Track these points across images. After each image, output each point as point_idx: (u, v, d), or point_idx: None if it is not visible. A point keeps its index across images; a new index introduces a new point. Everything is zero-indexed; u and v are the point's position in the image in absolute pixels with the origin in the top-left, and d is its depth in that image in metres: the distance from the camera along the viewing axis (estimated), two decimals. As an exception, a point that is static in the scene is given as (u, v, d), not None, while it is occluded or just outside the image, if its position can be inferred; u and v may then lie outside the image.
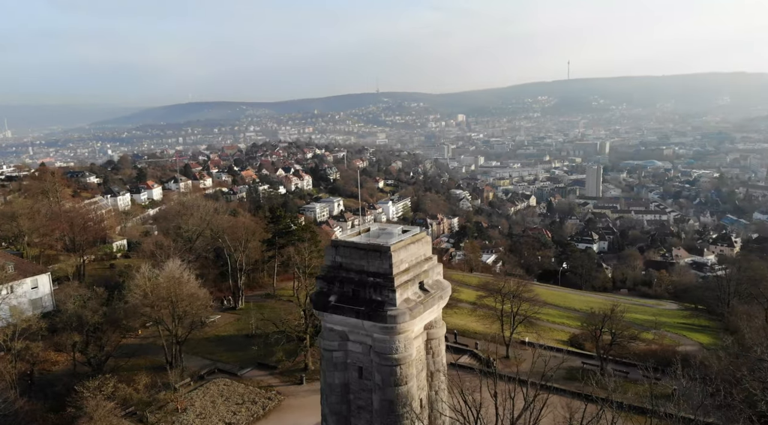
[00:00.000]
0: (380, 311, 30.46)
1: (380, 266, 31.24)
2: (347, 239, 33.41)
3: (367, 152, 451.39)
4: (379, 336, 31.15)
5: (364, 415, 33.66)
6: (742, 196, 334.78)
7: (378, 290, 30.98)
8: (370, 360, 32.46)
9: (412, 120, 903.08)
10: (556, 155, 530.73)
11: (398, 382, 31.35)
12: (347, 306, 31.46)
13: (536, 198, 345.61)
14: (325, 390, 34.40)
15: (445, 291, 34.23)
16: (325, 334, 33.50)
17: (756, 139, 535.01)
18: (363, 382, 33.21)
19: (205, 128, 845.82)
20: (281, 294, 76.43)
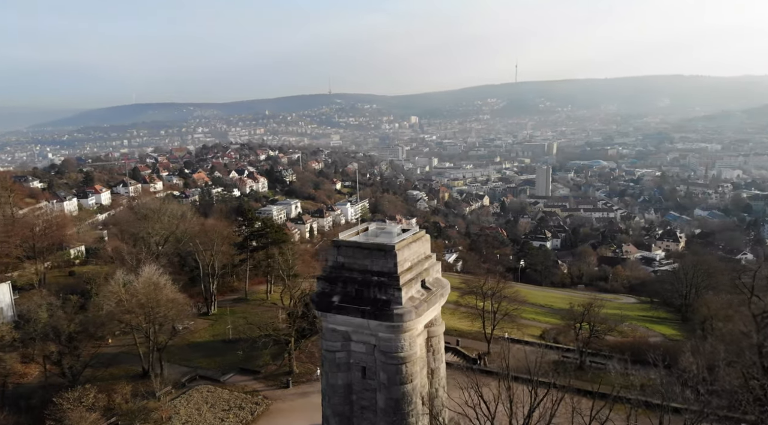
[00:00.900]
0: (386, 310, 30.55)
1: (384, 265, 31.33)
2: (349, 239, 33.34)
3: (323, 153, 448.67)
4: (385, 334, 31.22)
5: (367, 415, 33.64)
6: (683, 193, 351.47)
7: (383, 289, 31.05)
8: (374, 359, 32.47)
9: (366, 121, 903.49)
10: (506, 156, 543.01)
11: (404, 380, 31.51)
12: (352, 306, 31.38)
13: (489, 198, 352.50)
14: (327, 391, 34.17)
15: (445, 289, 34.63)
16: (327, 335, 33.27)
17: (694, 139, 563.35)
18: (366, 382, 33.19)
19: (151, 130, 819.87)
20: (254, 298, 75.14)
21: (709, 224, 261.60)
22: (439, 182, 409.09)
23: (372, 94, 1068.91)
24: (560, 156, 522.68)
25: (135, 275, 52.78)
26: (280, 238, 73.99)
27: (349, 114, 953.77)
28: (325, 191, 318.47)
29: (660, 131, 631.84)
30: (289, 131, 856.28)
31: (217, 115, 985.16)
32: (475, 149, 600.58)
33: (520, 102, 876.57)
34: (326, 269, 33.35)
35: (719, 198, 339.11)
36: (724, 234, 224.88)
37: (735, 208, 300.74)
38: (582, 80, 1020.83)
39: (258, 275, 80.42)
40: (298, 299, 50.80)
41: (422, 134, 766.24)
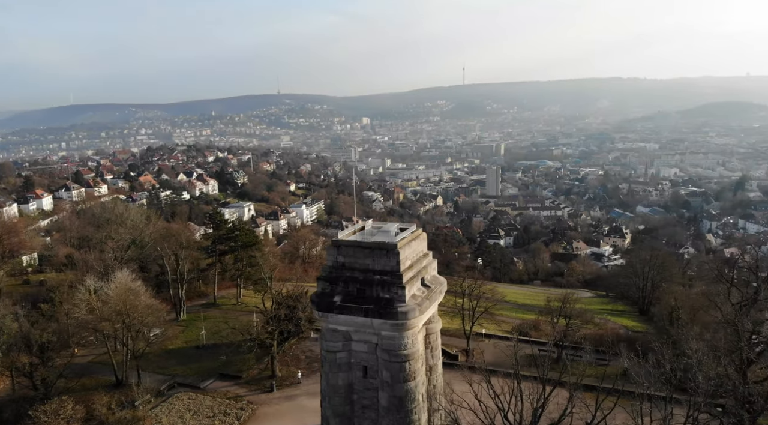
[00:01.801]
0: (390, 308, 30.69)
1: (387, 264, 31.45)
2: (349, 239, 33.27)
3: (274, 154, 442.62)
4: (388, 333, 31.32)
5: (369, 414, 33.63)
6: (626, 191, 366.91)
7: (386, 287, 31.17)
8: (376, 358, 32.51)
9: (317, 122, 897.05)
10: (456, 157, 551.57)
11: (407, 378, 31.71)
12: (354, 306, 31.34)
13: (443, 198, 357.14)
14: (327, 392, 33.96)
15: (442, 286, 35.07)
16: (327, 335, 33.08)
17: (633, 139, 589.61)
18: (368, 381, 33.18)
19: (91, 132, 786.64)
20: (223, 303, 73.46)
21: (651, 220, 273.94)
22: (393, 182, 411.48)
23: (323, 95, 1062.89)
24: (508, 157, 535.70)
25: (105, 282, 50.61)
26: (251, 241, 72.67)
27: (300, 115, 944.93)
28: (279, 193, 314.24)
29: (601, 131, 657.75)
30: (237, 132, 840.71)
31: (161, 116, 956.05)
32: (426, 150, 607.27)
33: (468, 104, 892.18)
34: (326, 269, 33.15)
35: (659, 195, 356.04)
36: (667, 229, 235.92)
37: (674, 204, 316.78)
38: (527, 83, 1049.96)
39: (225, 280, 78.68)
40: (282, 301, 50.08)
41: (374, 136, 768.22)
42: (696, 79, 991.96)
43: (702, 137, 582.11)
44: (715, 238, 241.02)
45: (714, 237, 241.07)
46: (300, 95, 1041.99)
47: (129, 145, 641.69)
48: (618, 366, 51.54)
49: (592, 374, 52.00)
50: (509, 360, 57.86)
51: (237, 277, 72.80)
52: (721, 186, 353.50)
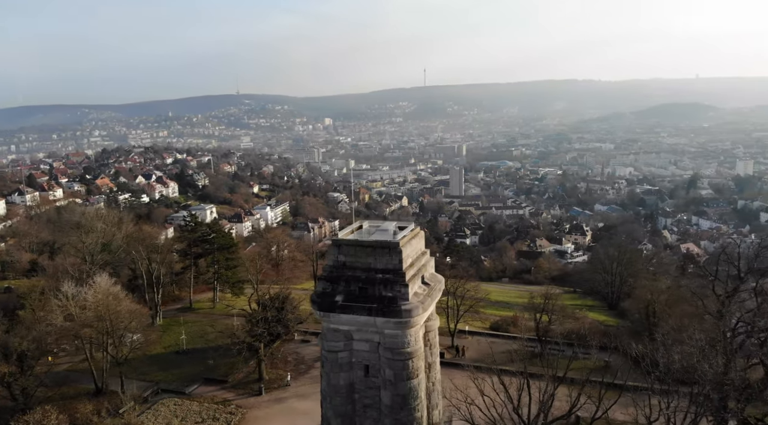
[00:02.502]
0: (394, 307, 30.79)
1: (389, 263, 31.56)
2: (350, 238, 33.26)
3: (235, 155, 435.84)
4: (391, 331, 31.41)
5: (371, 413, 33.63)
6: (584, 190, 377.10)
7: (389, 286, 31.26)
8: (378, 357, 32.54)
9: (278, 123, 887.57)
10: (420, 158, 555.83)
11: (410, 376, 31.89)
12: (357, 305, 31.30)
13: (408, 199, 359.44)
14: (328, 392, 33.79)
15: (441, 284, 35.41)
16: (328, 336, 32.92)
17: (589, 139, 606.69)
18: (370, 380, 33.17)
19: (42, 134, 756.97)
20: (199, 307, 72.01)
21: (609, 218, 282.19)
22: (357, 183, 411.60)
23: (283, 96, 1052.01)
24: (470, 157, 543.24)
25: (82, 287, 48.84)
26: (227, 243, 71.48)
27: (260, 115, 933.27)
28: (242, 194, 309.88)
29: (558, 132, 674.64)
30: (195, 133, 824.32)
31: (115, 117, 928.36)
32: (390, 151, 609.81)
33: (430, 105, 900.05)
34: (326, 268, 33.01)
35: (616, 194, 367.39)
36: (625, 227, 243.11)
37: (631, 202, 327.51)
38: (486, 85, 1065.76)
39: (199, 283, 77.20)
40: (269, 303, 49.45)
41: (337, 136, 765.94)
42: (647, 81, 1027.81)
43: (654, 137, 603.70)
44: (671, 234, 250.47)
45: (670, 233, 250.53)
46: (260, 95, 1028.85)
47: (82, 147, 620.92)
48: (600, 359, 53.24)
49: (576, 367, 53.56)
50: (494, 355, 59.12)
51: (213, 280, 71.47)
52: (674, 184, 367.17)
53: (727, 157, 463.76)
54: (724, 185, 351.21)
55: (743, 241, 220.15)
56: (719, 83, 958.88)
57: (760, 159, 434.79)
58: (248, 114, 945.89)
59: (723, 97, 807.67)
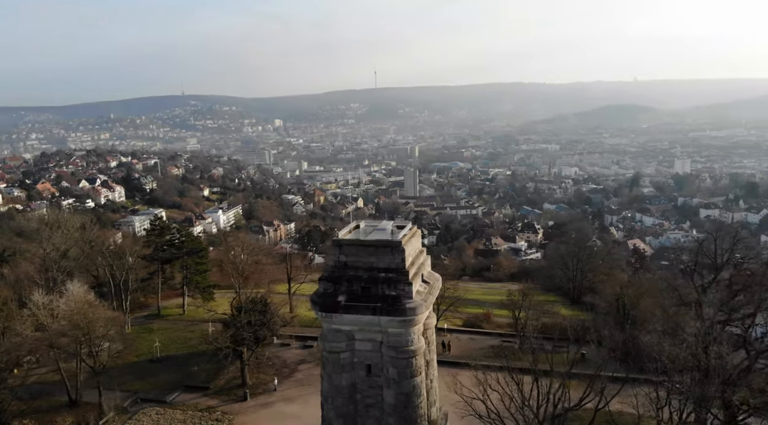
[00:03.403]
0: (398, 305, 31.01)
1: (392, 262, 31.77)
2: (351, 238, 33.29)
3: (182, 158, 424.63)
4: (395, 330, 31.60)
5: (373, 412, 33.71)
6: (532, 190, 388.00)
7: (392, 285, 31.46)
8: (380, 356, 32.66)
9: (226, 124, 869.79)
10: (373, 159, 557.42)
11: (414, 374, 32.18)
12: (361, 304, 31.31)
13: (363, 200, 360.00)
14: (329, 393, 33.63)
15: (438, 282, 35.92)
16: (329, 336, 32.79)
17: (536, 140, 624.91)
18: (372, 380, 33.23)
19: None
20: (168, 313, 69.84)
21: (558, 216, 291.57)
22: (311, 185, 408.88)
23: (231, 96, 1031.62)
24: (422, 159, 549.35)
25: (54, 295, 46.54)
26: (197, 247, 69.70)
27: (207, 116, 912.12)
28: (192, 198, 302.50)
29: (506, 133, 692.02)
30: (139, 135, 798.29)
31: (54, 119, 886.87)
32: (343, 153, 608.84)
33: (381, 107, 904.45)
34: (328, 269, 32.93)
35: (563, 193, 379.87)
36: (574, 224, 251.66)
37: (577, 201, 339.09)
38: (435, 87, 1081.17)
39: (164, 289, 74.88)
40: (253, 306, 48.58)
41: (288, 138, 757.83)
42: (589, 84, 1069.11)
43: (597, 137, 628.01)
44: (617, 231, 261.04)
45: (616, 230, 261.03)
46: (207, 96, 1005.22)
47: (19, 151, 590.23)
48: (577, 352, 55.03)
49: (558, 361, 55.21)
50: (475, 352, 60.23)
51: (183, 286, 69.56)
52: (617, 183, 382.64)
53: (666, 156, 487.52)
54: (664, 183, 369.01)
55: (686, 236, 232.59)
56: (656, 86, 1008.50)
57: (696, 158, 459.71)
58: (194, 115, 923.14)
59: (660, 99, 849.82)
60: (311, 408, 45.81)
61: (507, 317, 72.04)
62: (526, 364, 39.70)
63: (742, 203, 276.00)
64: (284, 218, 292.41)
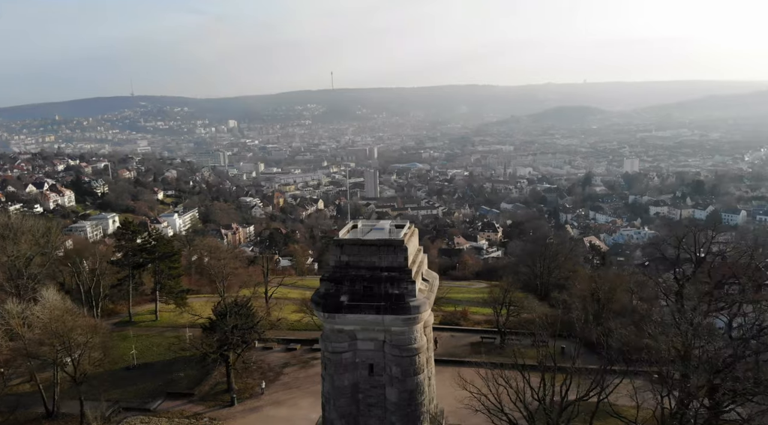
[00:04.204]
0: (402, 304, 31.22)
1: (394, 260, 31.94)
2: (353, 238, 33.28)
3: (133, 160, 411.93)
4: (398, 328, 31.79)
5: (375, 412, 33.77)
6: (490, 190, 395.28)
7: (395, 283, 31.63)
8: (382, 355, 32.78)
9: (178, 126, 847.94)
10: (332, 161, 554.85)
11: (417, 371, 32.47)
12: (364, 304, 31.36)
13: (323, 202, 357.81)
14: (331, 394, 33.53)
15: (436, 280, 36.30)
16: (331, 337, 32.70)
17: (491, 141, 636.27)
18: (374, 379, 33.31)
19: None
20: (140, 320, 67.65)
21: (516, 215, 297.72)
22: (269, 187, 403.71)
23: (183, 97, 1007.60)
24: (381, 160, 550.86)
25: (29, 303, 44.37)
26: (170, 251, 67.76)
27: (158, 118, 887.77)
28: (146, 201, 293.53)
29: (462, 135, 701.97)
30: (86, 137, 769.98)
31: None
32: (301, 154, 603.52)
33: (338, 108, 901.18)
34: (329, 269, 32.82)
35: (519, 192, 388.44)
36: (531, 223, 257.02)
37: (533, 200, 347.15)
38: (392, 89, 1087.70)
39: (134, 295, 72.62)
40: (238, 309, 47.64)
41: (243, 139, 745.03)
42: (541, 86, 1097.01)
43: (549, 138, 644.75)
44: (573, 228, 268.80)
45: (572, 228, 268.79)
46: (157, 97, 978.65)
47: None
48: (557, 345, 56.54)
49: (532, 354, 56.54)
50: (458, 349, 61.04)
51: (154, 291, 67.53)
52: (570, 182, 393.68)
53: (615, 156, 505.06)
54: (615, 182, 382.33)
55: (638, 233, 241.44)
56: (604, 88, 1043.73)
57: (644, 157, 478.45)
58: (144, 116, 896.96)
59: (608, 100, 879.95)
60: (301, 411, 45.58)
61: (483, 314, 73.39)
62: (509, 359, 40.87)
63: (689, 200, 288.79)
64: (242, 221, 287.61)
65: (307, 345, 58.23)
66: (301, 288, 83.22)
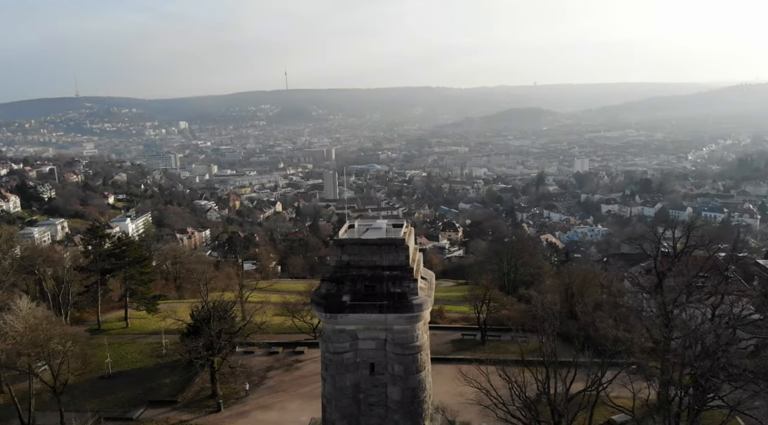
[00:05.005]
0: (405, 302, 31.49)
1: (396, 259, 32.17)
2: (354, 237, 33.31)
3: (80, 164, 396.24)
4: (401, 326, 32.00)
5: (377, 411, 33.86)
6: (448, 190, 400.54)
7: (397, 282, 31.87)
8: (383, 354, 32.91)
9: (126, 127, 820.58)
10: (288, 162, 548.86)
11: (419, 369, 32.79)
12: (367, 303, 31.46)
13: (282, 204, 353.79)
14: (333, 395, 33.42)
15: (433, 278, 36.67)
16: (333, 337, 32.61)
17: (447, 143, 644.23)
18: (376, 378, 33.38)
19: None
20: (109, 328, 65.23)
21: (474, 214, 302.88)
22: (224, 190, 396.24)
23: (130, 98, 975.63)
24: (339, 161, 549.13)
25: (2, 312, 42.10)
26: (141, 256, 65.66)
27: (104, 119, 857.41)
28: (96, 206, 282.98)
29: (419, 136, 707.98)
30: (28, 140, 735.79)
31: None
32: (256, 156, 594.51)
33: (294, 109, 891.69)
34: (330, 270, 32.70)
35: (476, 192, 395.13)
36: (490, 222, 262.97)
37: (490, 200, 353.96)
38: (348, 90, 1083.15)
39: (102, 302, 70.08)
40: (221, 313, 46.65)
41: (195, 141, 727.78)
42: (493, 89, 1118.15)
43: (502, 139, 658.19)
44: (529, 227, 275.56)
45: (528, 227, 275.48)
46: (104, 98, 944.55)
47: None
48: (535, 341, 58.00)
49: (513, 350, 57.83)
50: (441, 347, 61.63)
51: (124, 297, 65.30)
52: (524, 182, 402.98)
53: (566, 156, 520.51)
54: (566, 181, 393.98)
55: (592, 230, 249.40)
56: (554, 90, 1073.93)
57: (593, 157, 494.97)
58: (90, 118, 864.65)
59: (558, 102, 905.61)
60: (290, 414, 45.16)
61: (458, 312, 74.49)
62: (491, 355, 41.88)
63: (638, 198, 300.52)
64: (198, 225, 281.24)
65: (289, 348, 57.66)
66: (269, 292, 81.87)
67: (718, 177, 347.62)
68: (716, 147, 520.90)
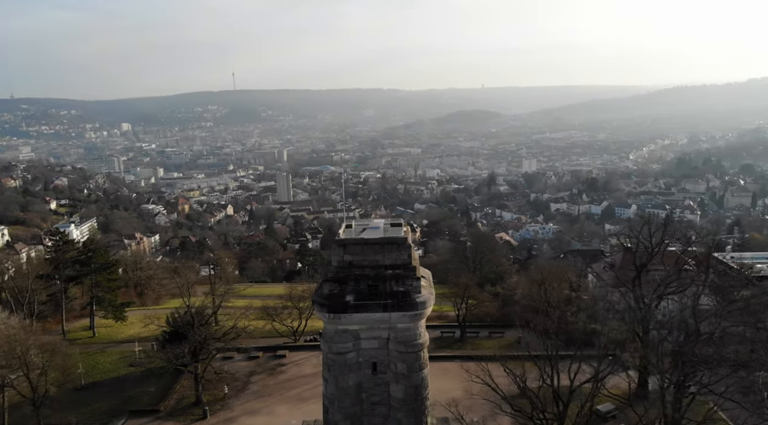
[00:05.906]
0: (408, 300, 31.86)
1: (398, 258, 32.51)
2: (356, 237, 33.40)
3: (18, 168, 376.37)
4: (404, 325, 32.33)
5: (379, 410, 34.04)
6: (402, 191, 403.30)
7: (400, 281, 32.20)
8: (386, 353, 33.15)
9: (65, 130, 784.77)
10: (238, 164, 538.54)
11: (422, 366, 33.21)
12: (371, 302, 31.62)
13: (233, 207, 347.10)
14: (335, 395, 33.38)
15: (430, 276, 37.19)
16: (335, 338, 32.60)
17: (399, 144, 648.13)
18: (378, 377, 33.56)
19: None
20: (75, 337, 62.35)
21: (430, 214, 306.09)
22: (171, 193, 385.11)
23: (68, 99, 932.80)
24: (291, 163, 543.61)
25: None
26: (107, 262, 63.12)
27: (41, 122, 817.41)
28: (38, 212, 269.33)
29: (372, 138, 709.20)
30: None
31: None
32: (203, 158, 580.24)
33: (242, 110, 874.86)
34: (332, 270, 32.64)
35: (430, 193, 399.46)
36: (446, 222, 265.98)
37: (444, 200, 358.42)
38: (298, 91, 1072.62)
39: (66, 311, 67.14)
40: (203, 318, 45.51)
41: (139, 143, 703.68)
42: (442, 91, 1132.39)
43: (453, 141, 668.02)
44: (483, 226, 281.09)
45: (482, 226, 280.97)
46: (41, 99, 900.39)
47: None
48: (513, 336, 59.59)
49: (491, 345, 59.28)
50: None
51: (90, 305, 62.64)
52: (476, 182, 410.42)
53: (514, 157, 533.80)
54: (516, 181, 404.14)
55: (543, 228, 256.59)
56: (500, 92, 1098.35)
57: (540, 158, 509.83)
58: (26, 120, 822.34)
59: (504, 104, 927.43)
60: (279, 418, 44.69)
61: (433, 310, 75.15)
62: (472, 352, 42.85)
63: (585, 196, 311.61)
64: (146, 230, 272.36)
65: (270, 352, 56.86)
66: (237, 297, 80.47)
67: (659, 175, 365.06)
68: (655, 147, 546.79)
